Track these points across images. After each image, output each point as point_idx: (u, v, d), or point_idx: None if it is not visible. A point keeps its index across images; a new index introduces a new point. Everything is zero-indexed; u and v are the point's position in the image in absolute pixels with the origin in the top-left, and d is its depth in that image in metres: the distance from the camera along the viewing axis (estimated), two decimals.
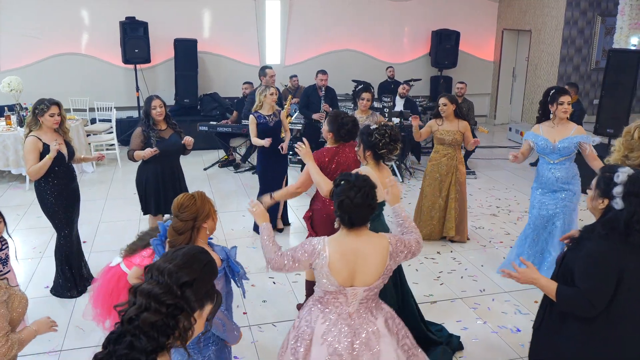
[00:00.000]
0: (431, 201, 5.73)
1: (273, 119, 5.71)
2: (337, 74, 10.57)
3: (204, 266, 1.71)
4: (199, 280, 1.66)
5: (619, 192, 2.31)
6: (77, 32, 9.74)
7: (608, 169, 2.45)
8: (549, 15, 10.53)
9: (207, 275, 1.71)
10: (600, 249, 2.34)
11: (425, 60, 11.61)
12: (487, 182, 8.12)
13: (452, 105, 5.56)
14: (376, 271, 2.55)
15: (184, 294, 1.61)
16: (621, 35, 8.86)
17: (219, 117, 9.51)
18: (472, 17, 11.69)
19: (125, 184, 7.61)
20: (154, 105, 4.88)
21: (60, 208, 4.53)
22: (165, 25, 9.86)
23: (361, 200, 2.49)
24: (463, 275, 5.13)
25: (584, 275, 2.35)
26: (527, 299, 4.66)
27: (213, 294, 1.73)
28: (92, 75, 9.80)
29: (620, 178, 2.32)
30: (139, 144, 4.90)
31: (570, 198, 4.70)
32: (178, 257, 1.68)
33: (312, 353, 2.61)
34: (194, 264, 1.68)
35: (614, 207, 2.33)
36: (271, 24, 10.58)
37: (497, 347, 4.03)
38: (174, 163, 5.13)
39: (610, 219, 2.34)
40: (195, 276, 1.65)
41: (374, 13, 11.09)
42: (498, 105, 12.24)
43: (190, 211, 2.59)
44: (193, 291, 1.63)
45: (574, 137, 4.54)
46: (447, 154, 5.64)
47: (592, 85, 10.70)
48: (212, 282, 1.75)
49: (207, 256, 1.77)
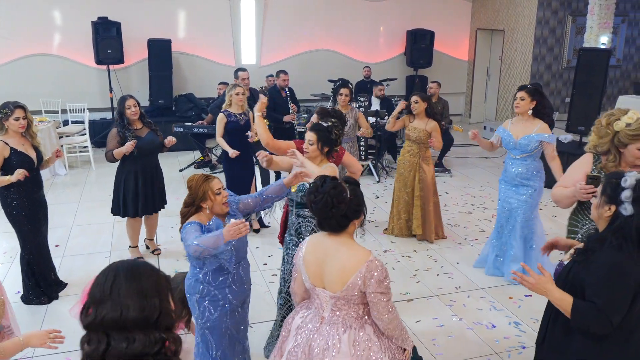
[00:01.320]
0: (397, 196, 5.87)
1: (243, 118, 5.69)
2: (313, 74, 10.60)
3: (147, 272, 1.60)
4: (162, 294, 1.58)
5: (628, 197, 2.19)
6: (49, 33, 9.56)
7: (614, 175, 2.32)
8: (521, 15, 10.68)
9: (156, 275, 1.61)
10: (615, 260, 2.18)
11: (400, 59, 11.68)
12: (462, 180, 8.20)
13: (424, 104, 5.62)
14: (340, 280, 2.42)
15: (160, 331, 1.55)
16: (591, 35, 9.03)
17: (194, 117, 9.42)
18: (446, 16, 11.80)
19: (99, 187, 7.51)
20: (128, 105, 4.85)
21: (26, 217, 4.38)
22: (138, 25, 9.74)
23: (321, 206, 2.42)
24: (439, 273, 5.17)
25: (600, 289, 2.19)
26: (502, 296, 4.73)
27: (170, 282, 1.67)
28: (64, 76, 9.63)
29: (629, 182, 2.21)
30: (115, 145, 4.87)
31: (530, 194, 4.76)
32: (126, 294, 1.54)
33: (288, 342, 2.65)
34: (146, 287, 1.56)
35: (622, 213, 2.21)
36: (246, 24, 10.53)
37: (473, 343, 4.08)
38: (153, 162, 5.12)
39: (620, 227, 2.21)
40: (157, 293, 1.57)
41: (349, 13, 11.12)
42: (473, 104, 12.38)
43: (190, 192, 3.04)
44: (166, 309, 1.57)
45: (536, 135, 4.61)
46: (411, 150, 5.74)
47: (564, 83, 10.89)
48: (158, 272, 1.65)
49: (137, 262, 1.64)
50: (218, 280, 3.05)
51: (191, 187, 3.02)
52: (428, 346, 4.00)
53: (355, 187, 2.51)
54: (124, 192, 5.04)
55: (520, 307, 4.54)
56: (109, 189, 7.32)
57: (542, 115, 4.70)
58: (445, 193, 7.45)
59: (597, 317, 2.17)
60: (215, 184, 3.03)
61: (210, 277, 3.04)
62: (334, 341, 2.46)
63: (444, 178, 8.15)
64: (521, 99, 4.65)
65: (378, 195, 7.42)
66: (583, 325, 2.22)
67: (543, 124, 4.66)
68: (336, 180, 2.51)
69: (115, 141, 4.86)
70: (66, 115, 9.41)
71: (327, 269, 2.48)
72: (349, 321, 2.49)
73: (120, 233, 5.95)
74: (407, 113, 5.82)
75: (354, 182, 2.53)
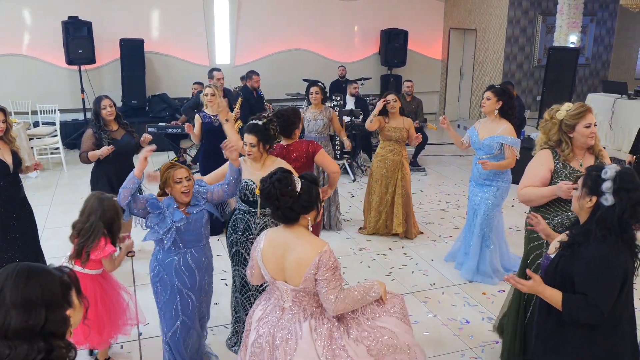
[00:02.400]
0: (379, 197, 5.82)
1: (217, 119, 5.66)
2: (288, 74, 10.60)
3: (38, 279, 1.56)
4: (51, 303, 1.54)
5: (609, 188, 2.27)
6: (18, 32, 9.38)
7: (594, 168, 2.41)
8: (493, 15, 10.84)
9: (48, 281, 1.57)
10: (602, 252, 2.27)
11: (375, 59, 11.75)
12: (436, 178, 8.28)
13: (399, 103, 5.67)
14: (298, 274, 2.50)
15: (47, 336, 1.52)
16: (561, 34, 9.21)
17: (168, 118, 9.34)
18: (420, 16, 11.90)
19: (71, 189, 7.39)
20: (104, 105, 4.79)
21: (4, 221, 4.22)
22: (110, 24, 9.61)
23: (265, 195, 2.53)
24: (414, 270, 5.22)
25: (590, 281, 2.27)
26: (476, 291, 4.80)
27: (67, 286, 1.62)
28: (34, 76, 9.46)
29: (609, 174, 2.29)
30: (90, 146, 4.78)
31: (493, 193, 4.76)
32: (11, 303, 1.51)
33: (250, 335, 2.71)
34: (32, 297, 1.52)
35: (603, 203, 2.29)
36: (220, 24, 10.48)
37: (448, 339, 4.12)
38: (128, 164, 5.03)
39: (602, 218, 2.29)
40: (44, 302, 1.53)
41: (323, 12, 11.14)
42: (447, 102, 12.51)
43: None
44: (53, 318, 1.54)
45: (497, 137, 4.59)
46: (393, 150, 5.74)
47: (535, 82, 11.07)
48: (54, 277, 1.61)
49: (29, 267, 1.60)
50: (166, 261, 3.22)
51: (162, 172, 3.20)
52: None
53: (309, 183, 2.56)
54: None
55: (493, 303, 4.60)
56: (81, 191, 7.24)
57: (509, 116, 4.66)
58: (420, 191, 7.52)
59: (589, 308, 2.26)
60: (178, 172, 3.14)
61: (161, 256, 3.24)
62: (296, 329, 2.54)
63: (418, 176, 8.22)
64: (487, 98, 4.64)
65: (353, 194, 7.45)
66: (575, 317, 2.30)
67: (508, 126, 4.62)
68: (287, 173, 2.56)
69: (91, 142, 4.78)
70: (36, 116, 9.23)
71: (286, 263, 2.54)
72: (309, 310, 2.58)
73: None
74: (380, 114, 5.83)
75: (310, 179, 2.58)
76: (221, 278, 4.96)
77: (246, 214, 3.65)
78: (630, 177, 2.29)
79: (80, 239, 3.42)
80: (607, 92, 8.80)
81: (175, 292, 3.25)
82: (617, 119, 8.24)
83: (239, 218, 3.68)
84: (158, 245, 3.25)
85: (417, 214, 6.32)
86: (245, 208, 3.65)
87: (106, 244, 3.44)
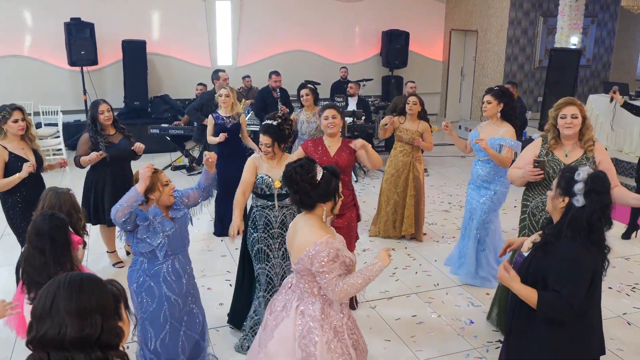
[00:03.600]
0: (387, 196, 5.82)
1: (231, 121, 5.69)
2: (289, 75, 10.58)
3: (92, 288, 1.54)
4: (105, 312, 1.52)
5: (580, 190, 2.37)
6: (20, 34, 9.40)
7: (568, 169, 2.51)
8: (494, 16, 10.86)
9: (101, 291, 1.55)
10: (575, 251, 2.37)
11: (376, 60, 11.77)
12: (439, 179, 8.30)
13: (419, 107, 5.67)
14: (296, 253, 2.68)
15: (103, 347, 1.50)
16: (562, 35, 9.23)
17: (170, 119, 9.35)
18: (421, 17, 11.92)
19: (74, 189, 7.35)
20: (101, 110, 4.74)
21: (27, 221, 4.26)
22: (112, 26, 9.63)
23: (286, 177, 2.71)
24: (417, 271, 5.24)
25: (562, 280, 2.36)
26: (480, 292, 4.81)
27: (117, 298, 1.60)
28: (36, 78, 9.47)
29: (581, 176, 2.38)
30: (86, 151, 4.72)
31: (490, 197, 4.72)
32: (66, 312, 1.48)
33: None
34: (87, 305, 1.50)
35: (575, 204, 2.38)
36: (222, 25, 10.49)
37: (452, 339, 4.13)
38: (125, 169, 4.96)
39: (573, 219, 2.38)
40: (99, 310, 1.51)
41: (325, 14, 11.16)
42: (448, 103, 12.53)
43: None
44: (108, 327, 1.51)
45: (498, 138, 4.54)
46: (403, 150, 5.73)
47: (536, 83, 11.09)
48: (105, 286, 1.59)
49: (81, 276, 1.58)
50: (153, 270, 3.18)
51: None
52: (408, 343, 4.05)
53: (330, 175, 2.69)
54: (93, 199, 4.90)
55: None
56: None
57: (510, 117, 4.63)
58: None
59: (562, 305, 2.36)
60: (162, 176, 3.18)
61: (146, 265, 3.19)
62: (287, 307, 2.75)
63: None
64: (488, 102, 4.60)
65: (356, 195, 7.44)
66: (549, 314, 2.40)
67: (509, 128, 4.59)
68: (311, 162, 2.71)
69: (87, 147, 4.73)
70: (39, 117, 9.24)
71: (293, 245, 2.73)
72: (304, 295, 2.72)
73: (96, 238, 5.86)
74: (398, 114, 5.84)
75: (331, 171, 2.71)
76: (225, 279, 4.97)
77: (265, 209, 3.72)
78: (602, 181, 2.39)
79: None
80: (608, 93, 8.80)
81: (163, 299, 3.22)
82: (618, 120, 8.25)
83: (258, 214, 3.73)
84: (142, 256, 3.19)
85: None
86: (263, 203, 3.72)
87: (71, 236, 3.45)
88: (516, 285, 2.46)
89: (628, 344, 4.06)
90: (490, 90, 4.68)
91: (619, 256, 5.56)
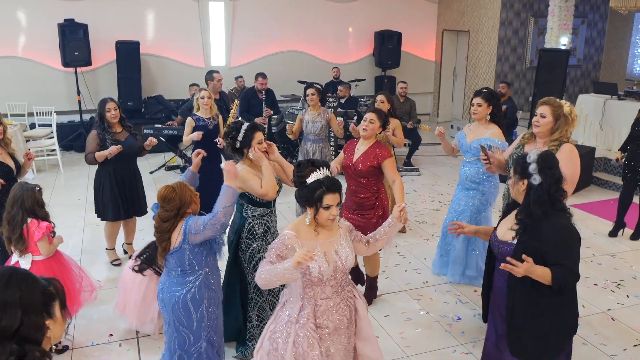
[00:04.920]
0: None
1: (212, 122, 5.77)
2: (283, 75, 10.67)
3: (20, 283, 1.58)
4: (28, 307, 1.56)
5: (535, 169, 2.64)
6: (14, 35, 9.43)
7: (520, 156, 2.80)
8: (485, 17, 10.96)
9: (29, 287, 1.59)
10: (557, 223, 2.61)
11: (369, 60, 11.85)
12: (430, 178, 8.39)
13: (388, 104, 5.73)
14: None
15: (21, 340, 1.53)
16: (552, 36, 9.33)
17: (164, 119, 9.40)
18: (413, 18, 12.01)
19: (68, 190, 7.45)
20: (109, 108, 4.87)
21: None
22: (106, 27, 9.67)
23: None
24: (407, 269, 5.32)
25: (563, 252, 2.59)
26: (468, 289, 4.89)
27: (50, 296, 1.64)
28: (30, 78, 9.51)
29: (532, 157, 2.68)
30: (95, 147, 4.88)
31: (478, 198, 4.72)
32: None
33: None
34: (9, 299, 1.54)
35: (533, 183, 2.64)
36: (215, 26, 10.55)
37: (439, 335, 4.22)
38: (131, 166, 5.14)
39: (536, 197, 2.63)
40: (21, 305, 1.54)
41: (318, 14, 11.23)
42: (440, 103, 12.62)
43: (174, 203, 2.99)
44: (28, 322, 1.55)
45: (485, 139, 4.54)
46: None
47: (527, 83, 11.20)
48: (37, 283, 1.63)
49: (13, 271, 1.62)
50: (214, 276, 3.20)
51: (172, 198, 2.99)
52: (396, 339, 4.13)
53: (319, 185, 2.67)
54: (102, 195, 5.06)
55: None
56: (77, 192, 7.33)
57: (498, 119, 4.65)
58: (413, 191, 7.63)
59: (570, 274, 2.58)
60: (191, 188, 3.15)
61: (209, 275, 3.15)
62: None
63: (412, 176, 8.33)
64: (478, 105, 4.60)
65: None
66: (563, 285, 2.58)
67: (496, 129, 4.60)
68: (315, 164, 2.74)
69: (95, 143, 4.87)
70: (33, 118, 9.29)
71: None
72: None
73: (91, 237, 5.95)
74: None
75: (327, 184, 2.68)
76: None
77: (264, 217, 3.70)
78: (551, 157, 2.70)
79: (8, 228, 3.57)
80: (597, 92, 8.93)
81: (219, 301, 3.25)
82: (607, 120, 8.37)
83: (257, 224, 3.69)
84: (206, 265, 3.11)
85: (411, 214, 6.41)
86: (262, 211, 3.68)
87: (38, 224, 3.59)
88: (533, 268, 2.54)
89: (611, 339, 4.15)
90: (479, 93, 4.66)
91: (605, 253, 5.66)
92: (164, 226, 3.01)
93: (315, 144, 6.11)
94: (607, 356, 3.94)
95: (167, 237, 3.02)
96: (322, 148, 6.15)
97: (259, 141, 3.58)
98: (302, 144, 6.25)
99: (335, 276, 2.75)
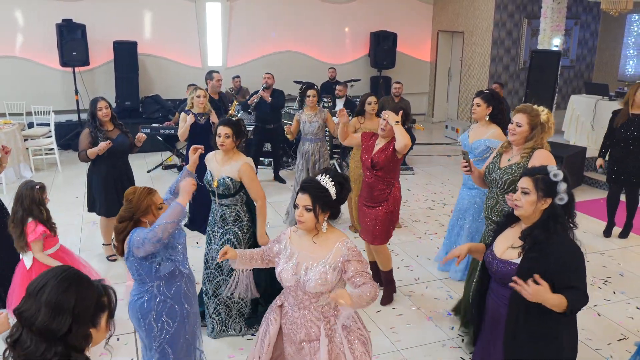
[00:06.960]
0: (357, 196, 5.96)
1: (204, 118, 6.00)
2: (279, 75, 10.71)
3: (78, 290, 1.63)
4: (79, 316, 1.61)
5: (564, 189, 2.51)
6: (12, 35, 9.50)
7: (537, 171, 2.60)
8: (480, 18, 11.07)
9: (85, 297, 1.64)
10: (569, 243, 2.50)
11: (365, 60, 11.95)
12: (424, 177, 8.50)
13: (376, 105, 5.86)
14: None
15: (67, 345, 1.59)
16: (545, 37, 9.44)
17: (161, 119, 9.50)
18: (409, 19, 12.12)
19: (66, 189, 7.53)
20: (100, 107, 5.02)
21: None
22: (103, 27, 9.76)
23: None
24: (400, 266, 5.42)
25: (579, 275, 2.47)
26: (458, 286, 4.99)
27: (101, 307, 1.69)
28: (28, 78, 9.59)
29: (560, 177, 2.52)
30: (87, 145, 5.03)
31: (481, 197, 4.75)
32: (44, 301, 1.58)
33: None
34: (64, 303, 1.59)
35: (559, 203, 2.51)
36: (212, 26, 10.65)
37: (430, 330, 4.33)
38: (123, 163, 5.30)
39: (554, 214, 2.51)
40: (72, 313, 1.59)
41: (314, 15, 11.33)
42: (435, 103, 12.74)
43: (129, 205, 2.90)
44: (76, 331, 1.60)
45: (485, 140, 4.62)
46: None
47: (520, 84, 11.31)
48: (93, 294, 1.67)
49: (76, 276, 1.67)
50: (173, 290, 3.00)
51: (132, 200, 2.89)
52: (387, 334, 4.24)
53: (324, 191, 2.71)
54: (94, 191, 5.23)
55: None
56: (76, 191, 7.41)
57: (499, 119, 4.69)
58: (407, 190, 7.73)
59: (582, 297, 2.45)
60: (157, 198, 2.97)
61: (164, 288, 2.98)
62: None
63: (406, 175, 8.43)
64: (477, 105, 4.66)
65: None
66: (575, 312, 2.47)
67: (497, 130, 4.64)
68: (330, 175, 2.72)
69: (87, 141, 5.02)
70: (31, 117, 9.37)
71: None
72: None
73: (89, 234, 6.04)
74: (356, 115, 6.00)
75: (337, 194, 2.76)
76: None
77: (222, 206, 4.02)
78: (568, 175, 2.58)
79: (12, 225, 3.72)
80: (589, 93, 9.05)
81: (184, 316, 3.07)
82: (598, 120, 8.48)
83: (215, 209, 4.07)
84: (159, 279, 2.96)
85: (404, 212, 6.52)
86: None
87: (36, 226, 3.71)
88: (547, 295, 2.37)
89: (597, 334, 4.27)
90: (480, 93, 4.75)
91: (594, 251, 5.78)
92: (119, 227, 2.90)
93: (313, 143, 6.22)
94: (592, 350, 4.06)
95: (121, 238, 2.91)
96: (320, 147, 6.25)
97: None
98: (300, 143, 6.36)
99: (297, 292, 2.69)
